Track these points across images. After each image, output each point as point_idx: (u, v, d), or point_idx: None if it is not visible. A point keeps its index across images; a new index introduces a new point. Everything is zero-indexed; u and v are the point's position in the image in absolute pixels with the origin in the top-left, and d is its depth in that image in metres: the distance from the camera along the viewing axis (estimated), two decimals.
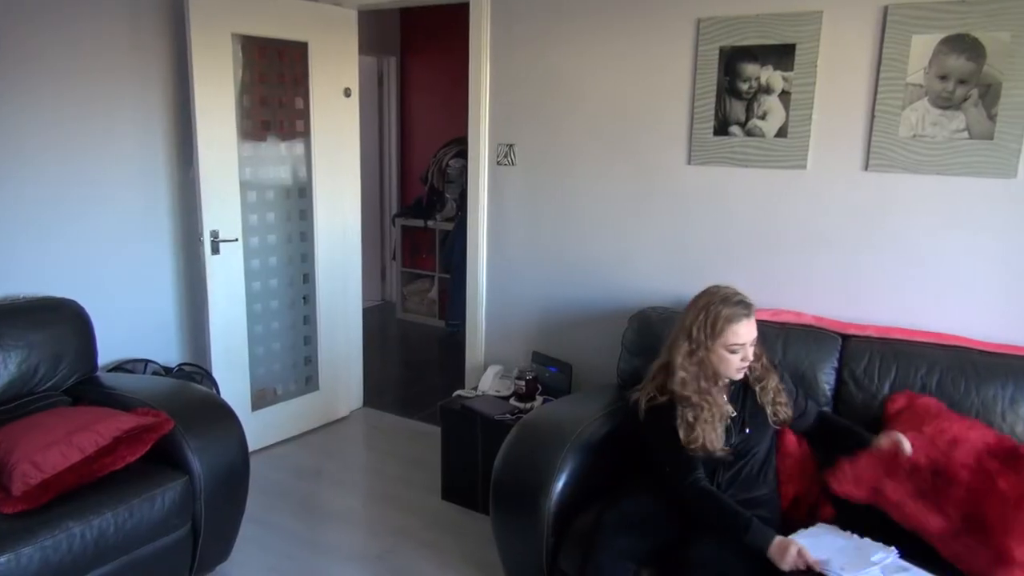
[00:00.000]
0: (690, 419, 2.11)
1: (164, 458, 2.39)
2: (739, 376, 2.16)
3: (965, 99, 2.42)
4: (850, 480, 2.03)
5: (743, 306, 2.11)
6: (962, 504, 1.88)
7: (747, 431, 2.15)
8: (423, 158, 5.97)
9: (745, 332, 2.10)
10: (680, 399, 2.13)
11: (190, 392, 2.70)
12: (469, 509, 3.10)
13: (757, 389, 2.19)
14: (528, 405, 3.05)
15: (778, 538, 1.91)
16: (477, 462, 3.03)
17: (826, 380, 2.44)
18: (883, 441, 2.06)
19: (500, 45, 3.30)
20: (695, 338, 2.12)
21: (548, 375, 3.21)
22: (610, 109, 3.07)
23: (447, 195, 5.69)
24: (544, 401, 3.06)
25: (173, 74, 3.32)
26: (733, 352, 2.10)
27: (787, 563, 1.86)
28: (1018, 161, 2.37)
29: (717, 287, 2.20)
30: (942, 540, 1.86)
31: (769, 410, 2.18)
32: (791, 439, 2.27)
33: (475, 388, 3.31)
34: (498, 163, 3.41)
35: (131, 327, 3.33)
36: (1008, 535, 1.77)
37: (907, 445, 2.02)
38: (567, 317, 3.31)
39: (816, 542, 1.91)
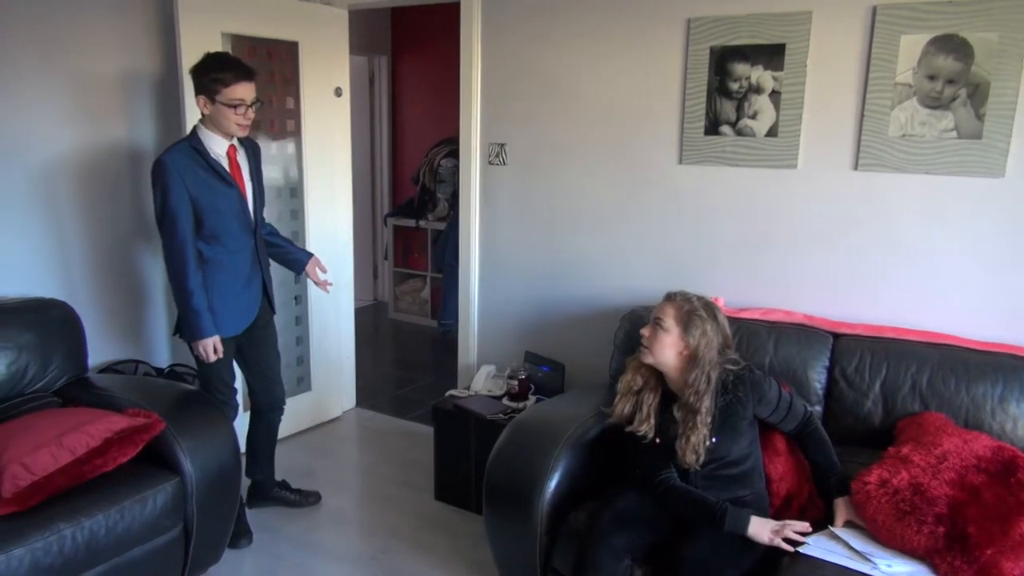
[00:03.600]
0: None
1: (155, 459, 2.39)
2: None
3: (954, 99, 2.43)
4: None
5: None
6: (945, 521, 1.84)
7: (713, 439, 2.09)
8: (414, 158, 5.97)
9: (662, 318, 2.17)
10: None
11: (182, 393, 2.70)
12: (462, 509, 3.10)
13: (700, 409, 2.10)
14: (521, 405, 3.05)
15: (754, 518, 1.96)
16: (470, 462, 3.03)
17: (817, 379, 2.46)
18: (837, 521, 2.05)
19: (491, 45, 3.30)
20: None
21: (541, 375, 3.22)
22: (601, 109, 3.08)
23: (439, 195, 5.69)
24: (537, 401, 3.06)
25: (163, 72, 3.30)
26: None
27: (768, 537, 1.94)
28: (1006, 160, 2.39)
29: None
30: (930, 559, 1.83)
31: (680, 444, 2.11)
32: (781, 439, 2.27)
33: (468, 388, 3.31)
34: (489, 163, 3.40)
35: (122, 328, 3.31)
36: (994, 548, 1.74)
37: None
38: (559, 316, 3.32)
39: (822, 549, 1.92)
